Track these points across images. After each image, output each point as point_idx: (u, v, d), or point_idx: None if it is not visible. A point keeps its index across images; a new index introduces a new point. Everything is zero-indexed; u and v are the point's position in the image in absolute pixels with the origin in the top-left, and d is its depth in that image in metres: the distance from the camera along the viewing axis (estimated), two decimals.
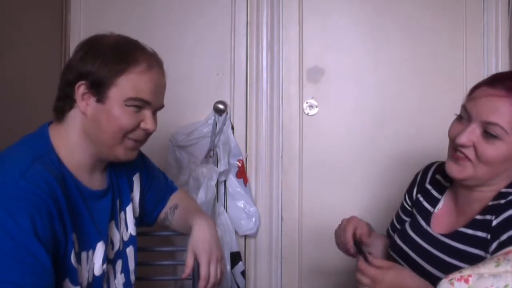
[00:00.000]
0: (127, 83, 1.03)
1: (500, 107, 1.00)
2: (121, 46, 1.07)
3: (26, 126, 1.17)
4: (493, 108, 1.01)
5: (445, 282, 0.70)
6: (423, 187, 1.27)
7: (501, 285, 0.67)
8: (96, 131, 1.05)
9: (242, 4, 2.01)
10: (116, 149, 1.07)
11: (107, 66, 1.02)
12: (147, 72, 1.06)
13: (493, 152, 1.02)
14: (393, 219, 1.38)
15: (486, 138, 1.02)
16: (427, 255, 1.14)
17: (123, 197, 1.21)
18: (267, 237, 2.01)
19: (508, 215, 1.00)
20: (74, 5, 2.06)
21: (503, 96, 1.01)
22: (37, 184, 0.94)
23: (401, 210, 1.35)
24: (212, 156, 1.94)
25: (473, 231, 1.06)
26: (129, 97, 1.04)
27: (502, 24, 1.94)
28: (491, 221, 1.02)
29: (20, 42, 1.79)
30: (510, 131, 1.00)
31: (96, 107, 1.04)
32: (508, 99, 1.00)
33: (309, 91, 2.01)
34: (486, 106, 1.02)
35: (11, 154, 1.03)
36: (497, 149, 1.01)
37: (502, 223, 1.00)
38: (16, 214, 0.90)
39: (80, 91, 1.03)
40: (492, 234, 1.01)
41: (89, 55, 1.04)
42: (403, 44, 1.96)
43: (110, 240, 1.16)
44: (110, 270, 1.17)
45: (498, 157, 1.02)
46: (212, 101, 1.98)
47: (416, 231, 1.21)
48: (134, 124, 1.06)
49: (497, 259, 0.72)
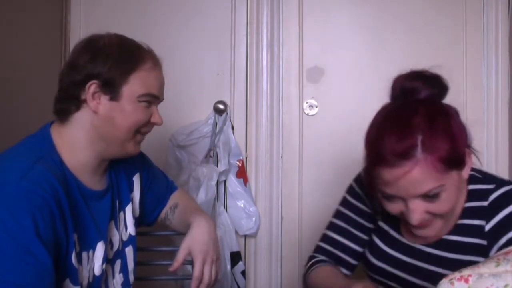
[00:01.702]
0: (138, 80, 1.07)
1: (419, 178, 0.93)
2: (127, 45, 1.10)
3: (26, 126, 1.17)
4: (414, 182, 0.93)
5: (445, 282, 0.70)
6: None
7: (501, 285, 0.67)
8: (110, 128, 1.07)
9: (242, 4, 2.02)
10: (128, 144, 1.11)
11: (118, 65, 1.06)
12: (154, 68, 1.11)
13: (447, 204, 0.97)
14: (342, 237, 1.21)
15: (431, 201, 0.96)
16: (414, 270, 1.08)
17: (123, 197, 1.21)
18: (267, 237, 2.01)
19: (499, 219, 0.99)
20: (74, 5, 2.06)
21: (409, 168, 0.92)
22: (39, 184, 0.94)
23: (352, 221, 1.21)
24: (212, 156, 1.94)
25: (462, 237, 1.03)
26: (142, 93, 1.08)
27: (502, 24, 1.94)
28: (483, 226, 1.00)
29: (20, 42, 1.79)
30: (441, 182, 0.94)
31: (109, 105, 1.06)
32: (417, 166, 0.92)
33: (309, 91, 2.01)
34: (408, 185, 0.94)
35: (13, 155, 1.03)
36: (447, 199, 0.97)
37: (496, 227, 0.99)
38: (17, 214, 0.90)
39: (91, 90, 1.05)
40: (489, 240, 0.99)
41: (98, 55, 1.06)
42: (403, 44, 1.96)
43: (109, 240, 1.16)
44: (109, 270, 1.17)
45: (452, 202, 0.98)
46: (212, 101, 1.98)
47: (391, 245, 1.12)
48: (146, 118, 1.11)
49: (497, 259, 0.72)
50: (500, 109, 1.94)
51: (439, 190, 0.94)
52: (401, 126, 0.96)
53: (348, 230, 1.20)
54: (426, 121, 0.95)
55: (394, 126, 0.97)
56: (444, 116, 0.99)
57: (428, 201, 0.96)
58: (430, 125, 0.95)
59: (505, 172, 1.95)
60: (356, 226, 1.20)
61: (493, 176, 1.09)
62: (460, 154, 0.97)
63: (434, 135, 0.94)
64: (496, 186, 1.03)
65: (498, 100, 1.94)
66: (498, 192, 1.02)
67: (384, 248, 1.13)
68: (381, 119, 1.02)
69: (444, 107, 1.02)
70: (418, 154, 0.92)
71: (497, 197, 1.01)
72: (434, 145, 0.93)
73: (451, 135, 0.96)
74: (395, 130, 0.96)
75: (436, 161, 0.92)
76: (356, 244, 1.20)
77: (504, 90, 1.95)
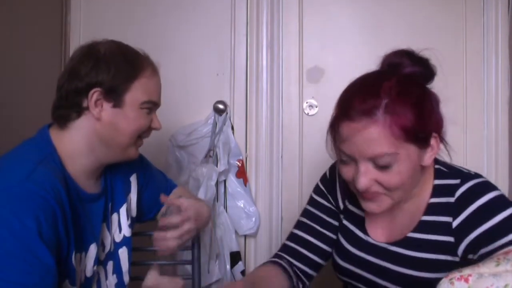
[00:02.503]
0: (140, 87, 1.10)
1: (373, 137, 0.92)
2: (127, 53, 1.13)
3: (26, 126, 1.18)
4: (367, 141, 0.93)
5: (445, 282, 0.70)
6: (348, 191, 1.12)
7: (501, 284, 0.67)
8: (113, 134, 1.10)
9: (242, 4, 2.01)
10: (130, 149, 1.14)
11: (121, 73, 1.08)
12: (154, 75, 1.15)
13: (397, 178, 0.95)
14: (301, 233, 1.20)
15: (382, 170, 0.94)
16: (380, 271, 1.05)
17: (116, 199, 1.22)
18: (267, 237, 2.01)
19: (467, 214, 0.97)
20: (74, 5, 2.05)
21: (367, 125, 0.92)
22: (42, 186, 0.95)
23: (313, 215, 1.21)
24: (212, 156, 1.94)
25: (428, 235, 1.01)
26: (144, 100, 1.11)
27: (502, 24, 1.94)
28: (450, 223, 0.98)
29: (20, 42, 1.79)
30: (396, 150, 0.93)
31: (112, 112, 1.09)
32: (375, 125, 0.92)
33: (309, 91, 2.01)
34: (360, 143, 0.93)
35: (15, 156, 1.05)
36: (398, 173, 0.94)
37: (464, 223, 0.97)
38: (21, 214, 0.91)
39: (94, 98, 1.07)
40: (456, 236, 0.97)
41: (100, 64, 1.08)
42: (403, 44, 1.94)
43: (101, 241, 1.17)
44: (101, 271, 1.19)
45: (404, 178, 0.96)
46: (212, 101, 1.98)
47: (355, 245, 1.11)
48: (147, 124, 1.15)
49: (497, 259, 0.72)
50: (500, 109, 1.94)
51: (391, 159, 0.93)
52: (371, 87, 0.97)
53: (314, 228, 1.19)
54: (397, 88, 0.95)
55: (364, 86, 1.00)
56: (418, 92, 0.98)
57: (378, 170, 0.95)
58: (399, 92, 0.94)
59: (505, 172, 1.95)
60: (323, 224, 1.18)
61: (459, 170, 1.06)
62: (423, 132, 0.96)
63: (400, 103, 0.93)
64: (462, 181, 1.01)
65: (498, 100, 1.94)
66: (464, 187, 1.00)
67: (349, 248, 1.12)
68: (357, 80, 1.04)
69: (424, 88, 1.01)
70: (379, 115, 0.92)
71: (464, 192, 0.99)
72: (397, 111, 0.92)
73: (419, 110, 0.95)
74: (364, 90, 0.98)
75: (395, 125, 0.92)
76: (322, 242, 1.18)
77: (504, 90, 1.95)
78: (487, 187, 1.00)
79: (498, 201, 0.97)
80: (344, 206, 1.17)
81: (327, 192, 1.21)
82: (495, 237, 0.93)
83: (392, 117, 0.92)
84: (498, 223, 0.94)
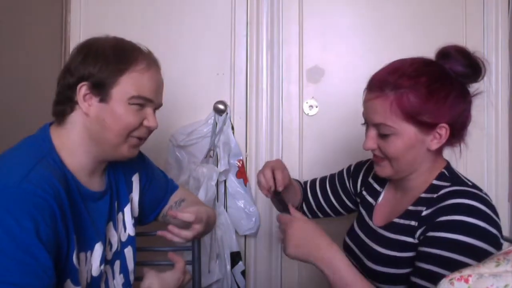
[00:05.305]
0: (129, 82, 1.05)
1: (377, 108, 1.07)
2: (120, 46, 1.09)
3: (26, 126, 1.18)
4: (374, 110, 1.08)
5: (445, 282, 0.70)
6: (366, 181, 1.33)
7: (501, 285, 0.67)
8: (101, 130, 1.06)
9: (242, 4, 2.02)
10: (121, 148, 1.09)
11: (108, 66, 1.04)
12: (147, 70, 1.08)
13: (393, 148, 1.08)
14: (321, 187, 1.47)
15: (383, 138, 1.09)
16: (366, 249, 1.19)
17: (121, 198, 1.21)
18: (267, 237, 2.01)
19: (437, 207, 1.04)
20: (74, 5, 2.06)
21: (377, 97, 1.07)
22: (40, 186, 0.94)
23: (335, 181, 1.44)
24: (212, 156, 1.94)
25: (406, 220, 1.11)
26: (132, 95, 1.06)
27: (502, 24, 1.94)
28: (422, 211, 1.07)
29: (20, 42, 1.79)
30: (393, 125, 1.05)
31: (99, 107, 1.05)
32: (381, 98, 1.06)
33: (309, 91, 2.01)
34: (370, 110, 1.10)
35: (13, 156, 1.04)
36: (394, 145, 1.07)
37: (430, 213, 1.05)
38: (18, 215, 0.90)
39: (82, 92, 1.05)
40: (419, 222, 1.06)
41: (89, 57, 1.05)
42: (403, 45, 1.96)
43: (108, 241, 1.16)
44: (109, 270, 1.18)
45: (399, 150, 1.08)
46: (212, 101, 1.98)
47: (361, 226, 1.26)
48: (137, 122, 1.09)
49: (497, 259, 0.72)
50: (500, 109, 1.94)
51: (389, 131, 1.06)
52: (397, 67, 1.09)
53: (335, 183, 1.44)
54: (417, 75, 1.05)
55: (395, 65, 1.10)
56: (440, 84, 1.06)
57: (380, 138, 1.09)
58: (417, 79, 1.05)
59: (505, 172, 1.95)
60: (344, 189, 1.42)
61: (459, 178, 1.12)
62: (426, 118, 1.05)
63: (411, 86, 1.04)
64: (451, 185, 1.08)
65: (498, 100, 1.95)
66: (449, 189, 1.07)
67: (355, 227, 1.28)
68: (397, 60, 1.13)
69: (452, 83, 1.07)
70: (387, 90, 1.05)
71: (446, 192, 1.06)
72: (403, 92, 1.04)
73: (428, 98, 1.04)
74: (391, 68, 1.10)
75: (396, 104, 1.04)
76: (335, 199, 1.42)
77: (504, 90, 1.95)
78: (472, 196, 1.03)
79: (471, 207, 1.01)
80: (360, 191, 1.34)
81: (352, 172, 1.41)
82: (440, 228, 1.00)
83: (395, 95, 1.04)
84: (453, 220, 1.00)
